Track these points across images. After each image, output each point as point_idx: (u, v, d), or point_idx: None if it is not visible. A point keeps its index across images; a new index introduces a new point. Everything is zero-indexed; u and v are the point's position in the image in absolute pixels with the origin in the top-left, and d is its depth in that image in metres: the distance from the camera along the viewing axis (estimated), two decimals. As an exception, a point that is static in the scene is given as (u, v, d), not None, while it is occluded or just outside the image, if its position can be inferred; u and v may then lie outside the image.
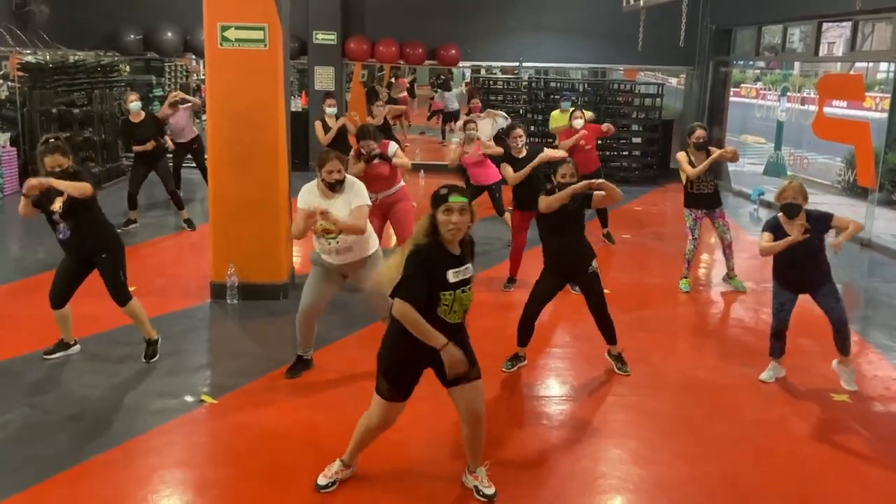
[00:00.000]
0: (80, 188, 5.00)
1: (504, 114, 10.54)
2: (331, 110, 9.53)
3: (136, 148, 9.16)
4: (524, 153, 7.14)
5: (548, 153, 6.99)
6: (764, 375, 5.49)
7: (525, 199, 6.86)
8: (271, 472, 4.16)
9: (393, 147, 6.90)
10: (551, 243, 5.40)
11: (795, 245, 5.05)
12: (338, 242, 4.91)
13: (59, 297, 5.37)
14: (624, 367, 5.53)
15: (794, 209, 5.11)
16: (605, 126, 9.08)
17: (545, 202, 5.26)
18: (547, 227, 5.39)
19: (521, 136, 7.20)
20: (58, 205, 5.04)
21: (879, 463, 4.48)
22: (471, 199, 10.02)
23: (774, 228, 5.21)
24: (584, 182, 5.23)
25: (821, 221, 5.14)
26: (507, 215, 9.35)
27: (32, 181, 4.97)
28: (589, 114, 10.04)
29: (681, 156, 7.39)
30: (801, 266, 5.22)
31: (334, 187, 4.89)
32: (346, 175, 4.99)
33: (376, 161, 6.69)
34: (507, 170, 7.06)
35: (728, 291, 7.65)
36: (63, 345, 5.53)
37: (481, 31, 14.30)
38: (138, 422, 4.67)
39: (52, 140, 5.24)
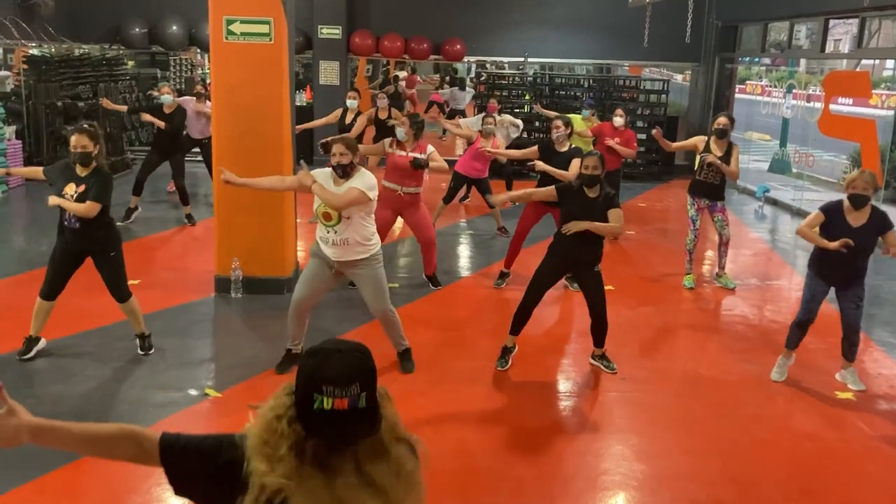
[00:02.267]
0: (83, 210, 5.03)
1: (519, 122, 10.50)
2: (351, 103, 9.52)
3: (146, 117, 9.36)
4: (566, 147, 6.99)
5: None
6: (775, 375, 5.46)
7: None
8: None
9: (430, 149, 6.92)
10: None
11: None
12: (336, 233, 4.89)
13: (55, 289, 5.34)
14: (610, 365, 5.51)
15: (862, 200, 5.01)
16: (628, 151, 8.95)
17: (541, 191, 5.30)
18: (567, 213, 5.33)
19: (560, 128, 7.03)
20: (71, 190, 5.05)
21: (882, 459, 4.48)
22: (455, 189, 9.95)
23: (832, 212, 5.10)
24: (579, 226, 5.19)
25: (882, 225, 5.05)
26: (496, 209, 9.38)
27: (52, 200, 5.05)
28: (597, 121, 10.03)
29: (699, 138, 7.43)
30: (840, 260, 5.09)
31: (337, 170, 4.84)
32: (361, 167, 4.97)
33: (421, 168, 6.77)
34: (539, 163, 6.95)
35: (727, 287, 7.62)
36: (34, 340, 5.46)
37: (486, 25, 14.28)
38: (142, 415, 4.68)
39: (85, 125, 5.26)
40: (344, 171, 4.84)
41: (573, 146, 7.18)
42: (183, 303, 6.66)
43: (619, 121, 8.88)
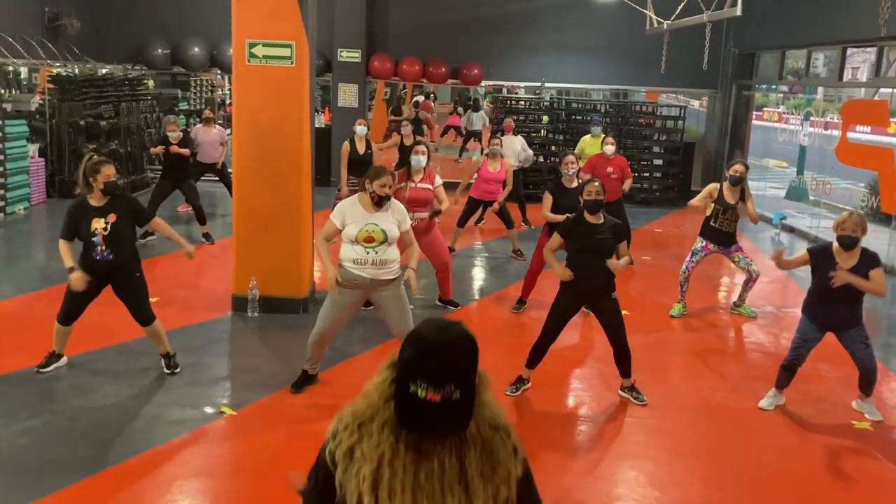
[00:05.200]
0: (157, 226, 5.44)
1: (530, 152, 10.65)
2: (361, 129, 9.59)
3: (174, 149, 9.26)
4: (575, 183, 6.95)
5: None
6: (764, 403, 5.43)
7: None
8: (288, 483, 4.17)
9: (438, 181, 7.03)
10: (574, 261, 5.31)
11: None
12: (377, 253, 4.97)
13: (74, 316, 5.40)
14: (640, 396, 5.45)
15: (852, 242, 5.00)
16: (627, 184, 8.82)
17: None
18: (574, 245, 5.33)
19: (572, 163, 7.07)
20: (100, 224, 5.11)
21: (901, 492, 4.43)
22: (469, 213, 10.00)
23: (819, 255, 5.11)
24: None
25: (870, 263, 5.01)
26: (513, 231, 9.40)
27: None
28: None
29: (712, 186, 7.28)
30: (835, 303, 5.07)
31: (382, 201, 4.98)
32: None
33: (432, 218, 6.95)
34: (546, 201, 6.89)
35: (747, 315, 7.58)
36: (55, 356, 5.54)
37: (504, 50, 14.40)
38: (158, 432, 4.72)
39: (102, 157, 5.34)
40: (381, 201, 4.99)
41: (581, 179, 7.20)
42: (200, 321, 6.71)
43: (610, 149, 8.76)
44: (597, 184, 5.29)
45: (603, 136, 9.49)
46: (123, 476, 4.21)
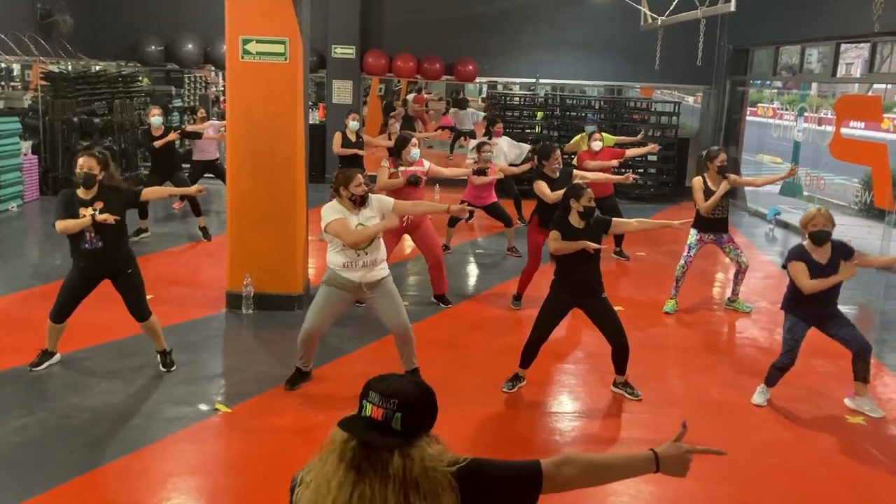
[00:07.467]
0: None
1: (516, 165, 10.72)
2: (353, 124, 9.60)
3: (158, 143, 9.18)
4: (557, 175, 7.06)
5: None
6: (757, 399, 5.44)
7: (551, 219, 6.80)
8: (283, 480, 4.17)
9: (427, 164, 7.09)
10: (566, 269, 5.31)
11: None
12: (367, 254, 5.00)
13: (66, 312, 5.38)
14: (634, 392, 5.46)
15: (825, 236, 5.06)
16: (628, 175, 8.76)
17: (557, 245, 5.21)
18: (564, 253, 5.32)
19: (559, 159, 7.17)
20: (88, 212, 5.08)
21: (894, 486, 4.44)
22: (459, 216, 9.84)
23: (804, 257, 5.12)
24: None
25: (844, 250, 5.09)
26: (511, 228, 9.36)
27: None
28: (612, 138, 10.01)
29: (697, 182, 7.28)
30: (822, 298, 5.11)
31: (363, 199, 5.00)
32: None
33: (416, 184, 6.97)
34: (545, 188, 6.87)
35: (742, 310, 7.59)
36: (48, 354, 5.52)
37: (498, 46, 14.38)
38: (153, 429, 4.71)
39: (96, 151, 5.32)
40: (362, 199, 5.01)
41: (562, 168, 7.25)
42: (194, 318, 6.70)
43: (597, 145, 8.85)
44: (590, 191, 5.29)
45: (592, 132, 9.52)
46: (118, 474, 4.21)
